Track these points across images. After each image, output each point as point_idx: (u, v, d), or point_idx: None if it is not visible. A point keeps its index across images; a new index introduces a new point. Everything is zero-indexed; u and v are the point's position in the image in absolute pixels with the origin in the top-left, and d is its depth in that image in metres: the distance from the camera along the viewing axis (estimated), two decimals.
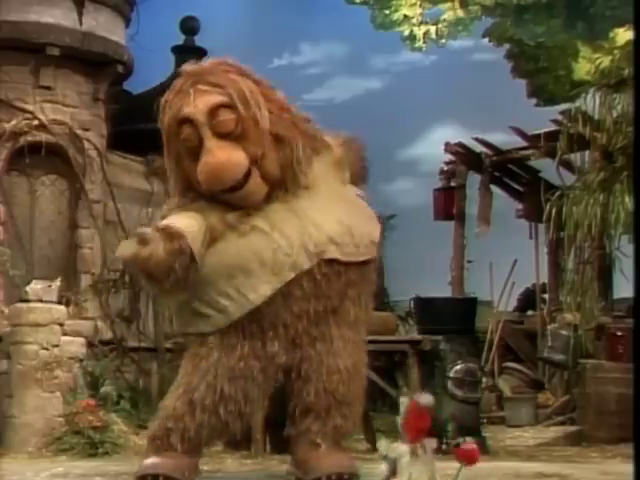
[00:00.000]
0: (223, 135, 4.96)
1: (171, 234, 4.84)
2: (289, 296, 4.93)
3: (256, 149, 4.98)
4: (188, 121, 5.01)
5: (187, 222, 4.96)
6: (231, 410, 4.98)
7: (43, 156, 12.42)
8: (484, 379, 10.30)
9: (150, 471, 4.95)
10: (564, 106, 11.25)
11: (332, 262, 5.00)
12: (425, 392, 4.67)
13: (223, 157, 4.93)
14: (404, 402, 4.43)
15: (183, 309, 5.15)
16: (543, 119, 12.60)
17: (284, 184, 5.07)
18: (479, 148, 14.49)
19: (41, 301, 9.42)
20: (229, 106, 5.01)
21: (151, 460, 5.04)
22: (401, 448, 4.46)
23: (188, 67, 5.20)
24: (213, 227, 5.00)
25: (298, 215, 5.01)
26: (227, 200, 5.03)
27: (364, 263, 5.15)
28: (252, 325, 4.96)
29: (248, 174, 4.97)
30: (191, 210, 5.03)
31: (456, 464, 4.68)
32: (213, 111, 4.99)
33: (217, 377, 4.95)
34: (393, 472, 4.41)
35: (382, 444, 4.36)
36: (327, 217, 5.04)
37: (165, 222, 4.99)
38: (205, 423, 4.97)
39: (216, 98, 5.02)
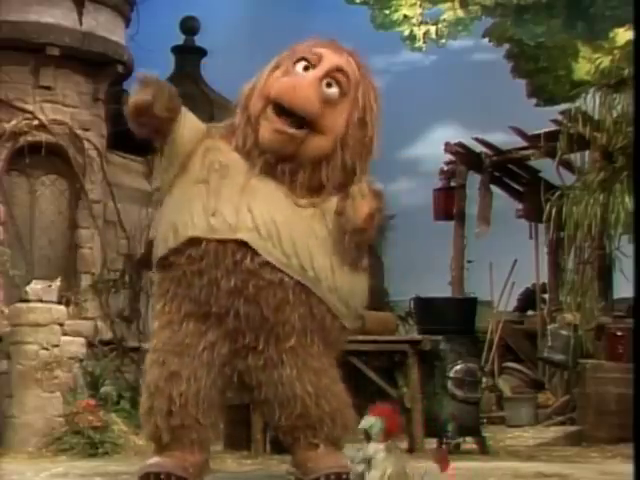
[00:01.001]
0: (323, 89, 4.97)
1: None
2: (215, 284, 4.93)
3: (325, 124, 4.96)
4: (318, 56, 5.04)
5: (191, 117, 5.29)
6: (181, 391, 4.97)
7: (43, 156, 12.42)
8: (484, 379, 10.30)
9: (152, 469, 4.95)
10: (564, 106, 11.25)
11: (254, 256, 4.90)
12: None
13: (310, 87, 4.93)
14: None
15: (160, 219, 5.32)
16: (543, 119, 12.60)
17: (304, 177, 5.04)
18: (479, 148, 14.49)
19: (41, 301, 9.42)
20: (349, 80, 5.03)
21: (153, 460, 5.05)
22: (376, 445, 4.49)
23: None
24: (197, 151, 5.12)
25: (244, 192, 5.00)
26: (264, 128, 4.98)
27: (308, 291, 4.98)
28: (189, 305, 4.98)
29: (305, 124, 4.94)
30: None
31: (456, 464, 4.67)
32: (338, 70, 5.02)
33: (166, 354, 5.00)
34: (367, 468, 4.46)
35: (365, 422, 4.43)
36: (262, 210, 4.97)
37: None
38: (164, 410, 4.97)
39: (351, 68, 5.08)
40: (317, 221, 5.05)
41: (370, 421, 4.62)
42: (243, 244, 4.91)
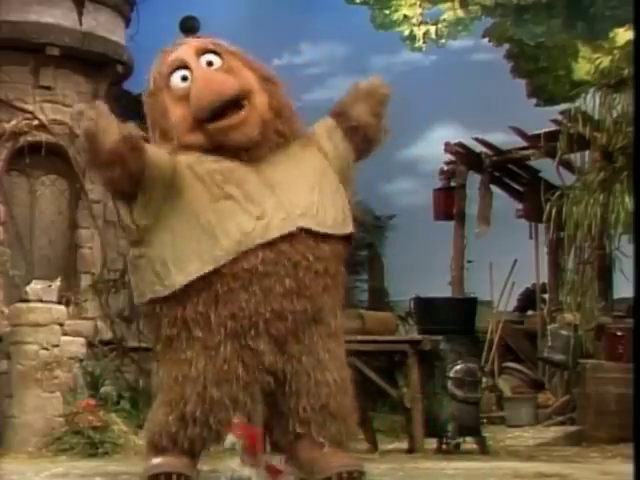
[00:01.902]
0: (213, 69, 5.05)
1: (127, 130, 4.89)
2: (268, 292, 4.87)
3: (245, 83, 5.00)
4: (179, 63, 5.11)
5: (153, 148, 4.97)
6: (221, 419, 4.94)
7: (43, 156, 12.42)
8: (484, 379, 10.29)
9: (163, 469, 4.91)
10: (564, 106, 11.25)
11: (307, 237, 4.88)
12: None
13: (218, 74, 5.00)
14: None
15: (139, 267, 5.03)
16: (543, 119, 12.60)
17: (273, 124, 5.03)
18: (479, 148, 14.49)
19: (41, 301, 9.42)
20: (214, 51, 5.14)
21: (157, 460, 5.00)
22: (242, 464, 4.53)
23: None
24: (180, 174, 4.90)
25: (272, 188, 4.96)
26: (221, 137, 4.92)
27: (338, 242, 5.00)
28: (231, 323, 4.89)
29: (241, 105, 4.93)
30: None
31: (456, 464, 4.68)
32: (202, 50, 5.13)
33: (206, 385, 4.90)
34: None
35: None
36: (300, 191, 4.95)
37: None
38: (197, 435, 4.94)
39: (200, 42, 5.23)
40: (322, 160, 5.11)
41: (231, 440, 4.65)
42: (298, 235, 4.87)
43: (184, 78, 5.05)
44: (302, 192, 4.96)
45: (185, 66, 5.08)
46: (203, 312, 4.88)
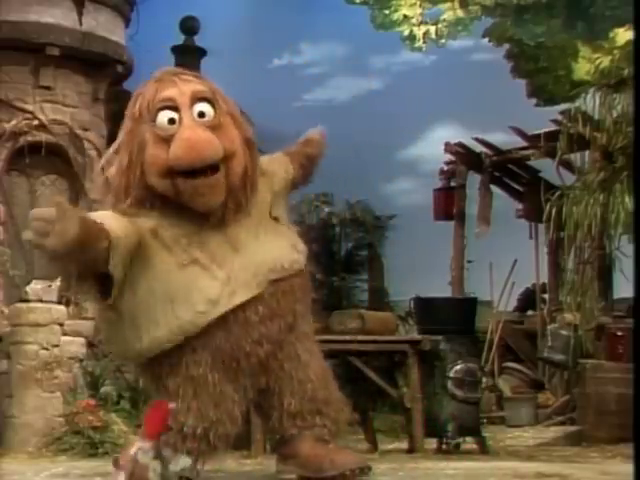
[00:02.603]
0: (201, 122, 4.95)
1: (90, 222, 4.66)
2: (245, 324, 4.92)
3: (229, 145, 4.98)
4: (170, 103, 4.98)
5: (113, 223, 4.77)
6: (221, 435, 4.96)
7: (43, 156, 12.43)
8: (484, 379, 10.29)
9: None
10: (564, 106, 11.25)
11: (275, 282, 4.97)
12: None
13: (204, 135, 4.88)
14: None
15: (116, 329, 4.99)
16: (543, 119, 12.61)
17: (237, 196, 5.02)
18: (479, 148, 14.50)
19: (41, 301, 9.43)
20: (209, 99, 5.02)
21: None
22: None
23: (161, 68, 5.27)
24: (146, 243, 4.85)
25: (236, 249, 4.98)
26: (187, 195, 4.88)
27: (298, 275, 5.10)
28: (215, 359, 4.93)
29: (217, 167, 4.89)
30: (126, 216, 4.86)
31: (456, 464, 4.67)
32: (196, 97, 5.00)
33: (203, 404, 4.93)
34: None
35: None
36: (262, 249, 5.00)
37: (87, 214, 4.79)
38: (195, 450, 4.95)
39: (200, 87, 5.06)
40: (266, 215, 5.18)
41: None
42: (248, 302, 4.92)
43: (171, 121, 4.93)
44: (266, 247, 5.01)
45: (176, 108, 4.97)
46: (175, 363, 4.93)
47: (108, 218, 4.76)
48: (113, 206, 4.97)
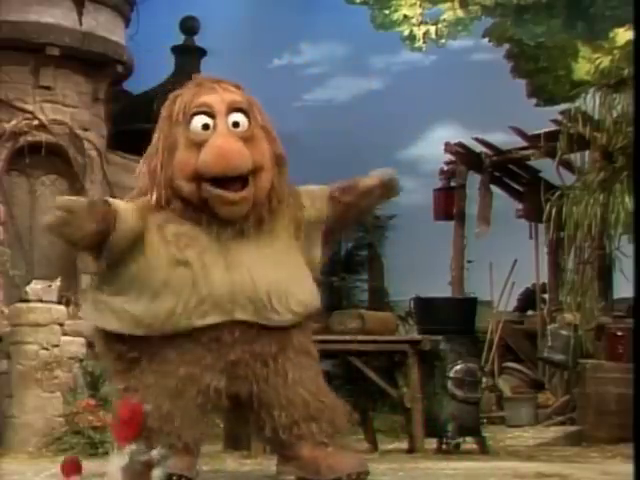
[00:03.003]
0: (234, 132, 4.97)
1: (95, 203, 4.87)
2: (217, 341, 4.92)
3: (259, 158, 4.98)
4: (206, 108, 5.01)
5: (122, 204, 4.98)
6: (175, 427, 4.93)
7: (43, 156, 12.43)
8: (484, 379, 10.29)
9: (171, 471, 4.90)
10: (564, 106, 11.25)
11: (247, 324, 4.93)
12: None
13: (236, 145, 4.92)
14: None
15: (99, 303, 5.12)
16: (543, 119, 12.60)
17: (260, 210, 5.01)
18: (479, 148, 14.49)
19: (41, 301, 9.43)
20: (245, 110, 5.04)
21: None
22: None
23: (202, 74, 5.31)
24: (149, 236, 4.95)
25: (230, 265, 4.96)
26: (212, 202, 4.92)
27: (294, 326, 5.07)
28: (186, 356, 4.94)
29: (246, 180, 4.93)
30: (141, 210, 5.00)
31: (456, 464, 4.67)
32: (233, 107, 5.03)
33: (158, 397, 4.92)
34: None
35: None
36: (258, 275, 4.94)
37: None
38: (155, 436, 4.93)
39: (237, 97, 5.09)
40: (286, 245, 5.10)
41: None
42: (236, 323, 4.91)
43: (205, 127, 4.97)
44: (261, 277, 4.95)
45: (211, 115, 5.00)
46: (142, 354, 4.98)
47: (125, 209, 4.94)
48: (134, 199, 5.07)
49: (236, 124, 4.99)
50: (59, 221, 4.76)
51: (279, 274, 4.99)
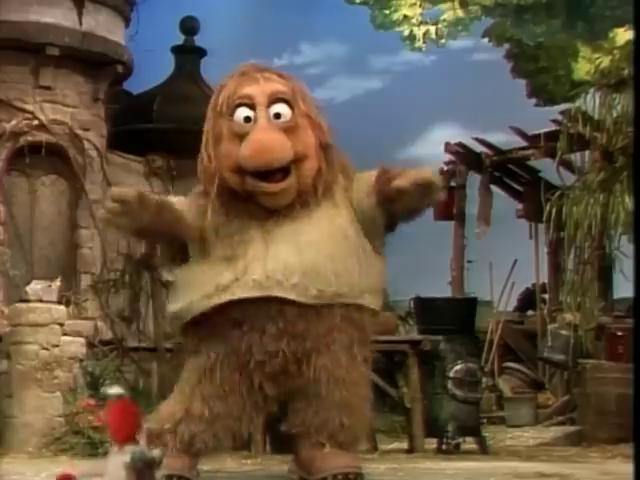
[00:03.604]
0: (276, 123, 4.98)
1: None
2: (254, 331, 4.92)
3: (302, 149, 4.99)
4: (248, 100, 5.02)
5: (186, 209, 5.10)
6: (225, 426, 4.96)
7: (43, 156, 12.43)
8: (484, 379, 10.29)
9: (170, 472, 4.89)
10: (564, 106, 11.26)
11: (288, 302, 4.90)
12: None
13: (275, 137, 4.93)
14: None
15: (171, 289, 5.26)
16: (543, 119, 12.63)
17: (307, 198, 5.03)
18: (479, 148, 14.52)
19: (41, 301, 9.41)
20: (289, 99, 5.05)
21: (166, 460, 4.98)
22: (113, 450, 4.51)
23: (248, 62, 5.28)
24: (206, 234, 5.04)
25: (266, 242, 4.98)
26: (255, 193, 4.97)
27: (345, 306, 5.01)
28: (230, 358, 4.96)
29: (288, 170, 4.95)
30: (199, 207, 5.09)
31: (456, 464, 4.67)
32: (275, 97, 5.04)
33: (211, 393, 4.95)
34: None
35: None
36: (297, 252, 4.94)
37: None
38: (198, 435, 4.94)
39: (280, 87, 5.09)
40: (338, 221, 5.06)
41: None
42: (278, 301, 4.90)
43: (247, 119, 4.99)
44: (296, 255, 4.94)
45: (253, 106, 5.00)
46: (199, 345, 5.05)
47: (183, 205, 5.09)
48: (199, 194, 5.16)
49: (278, 115, 5.00)
50: (114, 211, 4.86)
51: (322, 257, 4.95)
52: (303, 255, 4.93)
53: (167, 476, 4.86)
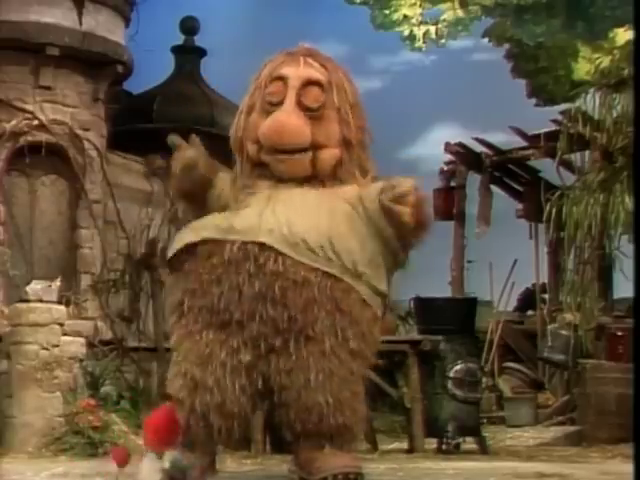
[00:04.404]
0: (302, 108, 5.07)
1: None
2: (240, 294, 4.90)
3: (323, 139, 5.05)
4: (282, 80, 5.14)
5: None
6: (205, 401, 4.91)
7: (43, 156, 12.43)
8: (484, 379, 10.29)
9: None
10: (564, 106, 11.26)
11: (277, 257, 4.88)
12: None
13: (294, 120, 5.05)
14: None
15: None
16: (543, 119, 12.63)
17: (325, 182, 5.11)
18: (479, 148, 14.52)
19: (41, 301, 9.40)
20: (323, 87, 5.13)
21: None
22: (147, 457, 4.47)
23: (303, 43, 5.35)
24: (225, 191, 5.25)
25: (270, 199, 5.04)
26: (270, 163, 5.11)
27: (333, 281, 4.96)
28: (206, 315, 4.95)
29: (304, 150, 5.05)
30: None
31: (456, 464, 4.67)
32: (309, 83, 5.13)
33: (188, 365, 4.95)
34: None
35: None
36: (297, 213, 4.99)
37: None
38: (187, 419, 4.90)
39: (317, 74, 5.17)
40: (344, 206, 5.08)
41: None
42: (266, 247, 4.91)
43: (277, 97, 5.14)
44: (296, 220, 4.99)
45: (285, 86, 5.12)
46: (182, 301, 5.05)
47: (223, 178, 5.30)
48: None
49: (306, 100, 5.10)
50: (190, 163, 5.18)
51: (322, 223, 4.99)
52: (302, 217, 4.98)
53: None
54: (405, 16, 10.35)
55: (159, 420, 4.49)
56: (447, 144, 14.84)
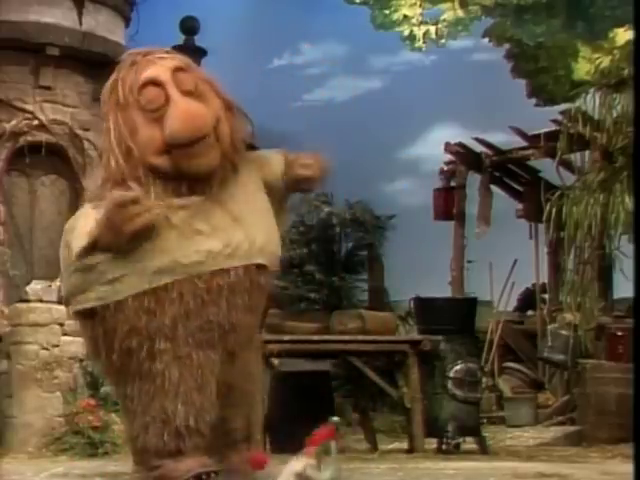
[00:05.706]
0: (186, 94, 4.93)
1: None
2: (229, 305, 4.90)
3: (214, 112, 4.99)
4: (151, 83, 4.95)
5: None
6: (207, 421, 4.93)
7: (43, 156, 12.43)
8: (484, 379, 10.30)
9: (199, 470, 4.83)
10: (564, 106, 11.26)
11: (259, 269, 4.89)
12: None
13: (197, 106, 4.89)
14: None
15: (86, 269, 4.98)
16: (543, 119, 12.62)
17: (230, 157, 5.03)
18: (479, 148, 14.51)
19: (41, 301, 9.42)
20: (185, 69, 5.04)
21: (183, 463, 4.90)
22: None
23: (129, 51, 5.28)
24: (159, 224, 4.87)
25: (237, 222, 5.00)
26: (185, 162, 4.86)
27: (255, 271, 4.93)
28: (198, 335, 4.93)
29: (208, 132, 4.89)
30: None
31: (456, 464, 4.68)
32: (175, 71, 5.01)
33: (187, 393, 4.91)
34: None
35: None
36: (257, 224, 4.97)
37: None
38: (188, 446, 4.89)
39: (174, 61, 5.08)
40: (262, 196, 5.09)
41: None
42: (261, 266, 4.90)
43: (159, 99, 4.89)
44: (260, 227, 4.98)
45: (161, 86, 4.93)
46: (169, 324, 4.83)
47: None
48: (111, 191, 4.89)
49: (184, 82, 4.95)
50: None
51: (266, 231, 5.00)
52: (253, 225, 4.93)
53: (206, 473, 4.79)
54: (405, 16, 10.35)
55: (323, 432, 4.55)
56: (447, 144, 14.84)
